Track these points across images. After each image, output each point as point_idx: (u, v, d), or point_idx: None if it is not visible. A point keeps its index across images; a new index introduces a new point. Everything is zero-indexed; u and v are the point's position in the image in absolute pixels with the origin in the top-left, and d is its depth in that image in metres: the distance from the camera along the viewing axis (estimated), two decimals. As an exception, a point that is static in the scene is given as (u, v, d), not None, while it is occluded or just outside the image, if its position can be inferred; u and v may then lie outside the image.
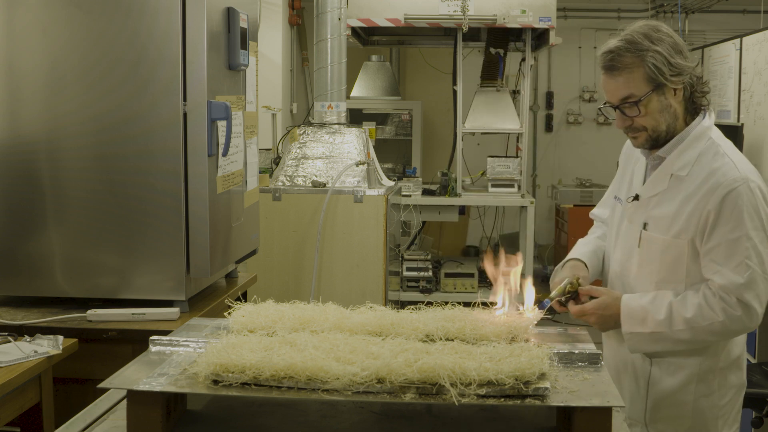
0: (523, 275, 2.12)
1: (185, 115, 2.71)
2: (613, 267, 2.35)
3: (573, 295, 2.22)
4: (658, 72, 2.08)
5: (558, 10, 5.69)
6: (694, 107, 2.19)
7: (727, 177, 2.09)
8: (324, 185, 4.68)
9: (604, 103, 2.21)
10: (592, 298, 2.21)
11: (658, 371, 2.22)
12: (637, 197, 2.25)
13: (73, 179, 2.78)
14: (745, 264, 2.07)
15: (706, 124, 2.19)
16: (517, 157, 5.91)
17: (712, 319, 2.10)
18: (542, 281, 6.81)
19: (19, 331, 2.56)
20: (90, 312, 2.68)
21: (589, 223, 2.61)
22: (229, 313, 1.97)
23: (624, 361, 2.30)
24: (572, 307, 2.22)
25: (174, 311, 2.70)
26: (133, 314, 2.67)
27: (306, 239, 4.64)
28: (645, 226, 2.22)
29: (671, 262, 2.17)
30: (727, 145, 2.19)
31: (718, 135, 2.20)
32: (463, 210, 6.40)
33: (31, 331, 2.55)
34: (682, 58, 2.12)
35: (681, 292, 2.16)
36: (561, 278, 2.26)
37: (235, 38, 2.91)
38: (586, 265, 2.34)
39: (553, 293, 2.21)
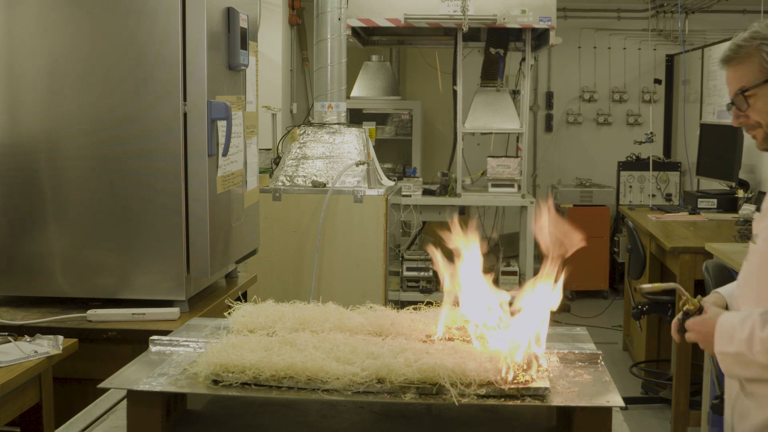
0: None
1: (185, 115, 2.71)
2: (735, 288, 2.12)
3: (692, 314, 2.01)
4: None
5: (558, 10, 5.68)
6: None
7: None
8: (324, 185, 4.68)
9: (727, 104, 2.11)
10: None
11: (746, 402, 1.97)
12: (758, 208, 2.12)
13: (73, 179, 2.78)
14: None
15: None
16: (517, 157, 5.91)
17: None
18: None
19: (19, 331, 2.56)
20: (90, 312, 2.68)
21: (589, 223, 2.56)
22: (229, 313, 1.97)
23: (729, 387, 2.07)
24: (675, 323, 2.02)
25: (174, 311, 2.70)
26: (133, 314, 2.67)
27: (306, 239, 4.64)
28: (755, 238, 2.02)
29: (766, 276, 1.96)
30: None
31: None
32: (463, 210, 6.40)
33: (31, 331, 2.55)
34: None
35: None
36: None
37: (235, 38, 2.91)
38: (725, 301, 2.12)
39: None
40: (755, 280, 1.97)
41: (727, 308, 2.06)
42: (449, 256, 1.95)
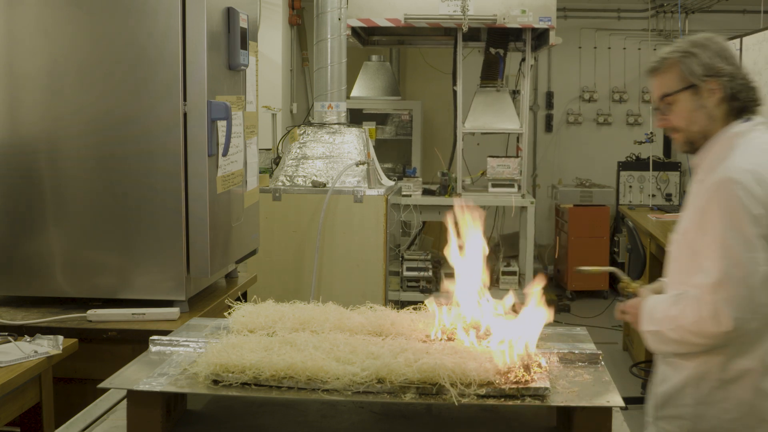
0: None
1: (185, 115, 2.71)
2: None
3: (631, 296, 2.29)
4: (690, 72, 2.16)
5: (558, 10, 5.68)
6: (739, 113, 2.19)
7: (716, 179, 2.10)
8: (324, 185, 4.68)
9: (654, 108, 2.28)
10: None
11: (665, 369, 2.23)
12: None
13: (73, 179, 2.78)
14: (717, 265, 2.04)
15: (737, 129, 2.18)
16: (517, 157, 5.91)
17: (688, 319, 2.07)
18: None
19: (19, 331, 2.56)
20: (90, 312, 2.68)
21: (589, 222, 2.64)
22: (229, 313, 1.97)
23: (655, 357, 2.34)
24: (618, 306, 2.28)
25: (174, 311, 2.70)
26: (133, 314, 2.67)
27: (306, 239, 4.64)
28: (674, 229, 2.28)
29: (680, 262, 2.21)
30: (745, 146, 2.16)
31: (747, 138, 2.17)
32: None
33: (31, 331, 2.55)
34: (725, 63, 2.15)
35: None
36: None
37: (235, 38, 2.91)
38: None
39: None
40: (678, 263, 2.21)
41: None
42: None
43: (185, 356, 1.79)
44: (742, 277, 2.02)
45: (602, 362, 1.79)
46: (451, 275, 1.97)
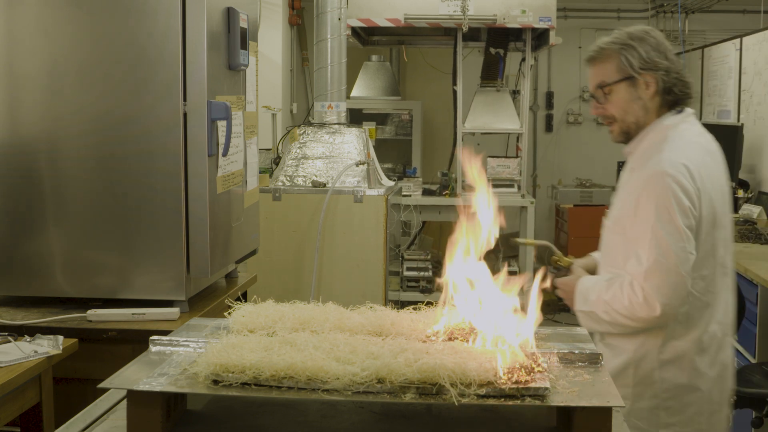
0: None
1: (185, 115, 2.71)
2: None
3: (563, 271, 2.45)
4: (629, 64, 2.26)
5: (558, 10, 5.68)
6: (672, 106, 2.31)
7: (649, 169, 2.21)
8: (324, 185, 4.68)
9: (589, 95, 2.46)
10: None
11: (605, 352, 2.27)
12: (613, 188, 2.50)
13: (73, 179, 2.78)
14: (648, 253, 2.16)
15: (670, 121, 2.30)
16: (517, 157, 5.91)
17: (621, 303, 2.21)
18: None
19: (19, 331, 2.56)
20: (90, 312, 2.68)
21: (589, 222, 2.70)
22: (229, 313, 1.96)
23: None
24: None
25: (174, 311, 2.70)
26: (133, 314, 2.67)
27: (306, 239, 4.64)
28: (606, 215, 2.44)
29: (613, 248, 2.35)
30: (678, 139, 2.26)
31: (679, 130, 2.28)
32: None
33: (31, 331, 2.55)
34: (662, 58, 2.27)
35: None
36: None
37: (235, 38, 2.91)
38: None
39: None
40: (610, 249, 2.35)
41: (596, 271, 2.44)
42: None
43: (185, 356, 1.79)
44: (671, 266, 2.15)
45: (602, 362, 1.79)
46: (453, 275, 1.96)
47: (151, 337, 1.88)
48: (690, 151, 2.25)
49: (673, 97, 2.30)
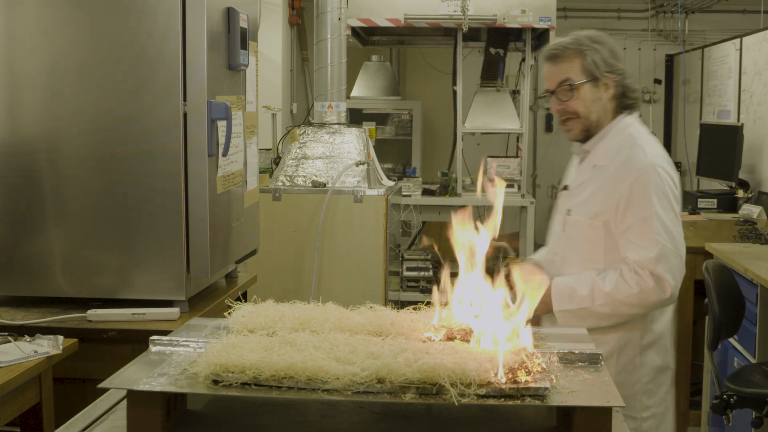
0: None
1: (185, 115, 2.71)
2: (547, 256, 2.62)
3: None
4: (595, 65, 2.40)
5: (558, 10, 5.68)
6: (622, 108, 2.48)
7: (636, 163, 2.35)
8: (324, 185, 4.68)
9: (544, 91, 2.49)
10: None
11: None
12: (566, 188, 2.58)
13: (73, 179, 2.78)
14: (655, 240, 2.29)
15: (627, 121, 2.47)
16: (517, 157, 5.91)
17: (629, 292, 2.31)
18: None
19: (19, 331, 2.56)
20: (90, 312, 2.68)
21: None
22: (229, 313, 1.96)
23: None
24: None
25: (174, 311, 2.70)
26: (133, 314, 2.67)
27: (306, 239, 4.64)
28: (569, 212, 2.50)
29: (591, 243, 2.41)
30: (644, 137, 2.45)
31: (638, 129, 2.47)
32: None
33: (31, 331, 2.55)
34: (618, 63, 2.44)
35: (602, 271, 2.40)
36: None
37: (235, 38, 2.91)
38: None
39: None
40: (586, 244, 2.42)
41: None
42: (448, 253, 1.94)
43: (185, 356, 1.79)
44: (677, 249, 2.32)
45: (602, 362, 1.79)
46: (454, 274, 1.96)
47: (151, 337, 1.88)
48: (659, 147, 2.44)
49: (626, 100, 2.47)
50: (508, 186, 5.75)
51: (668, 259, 2.30)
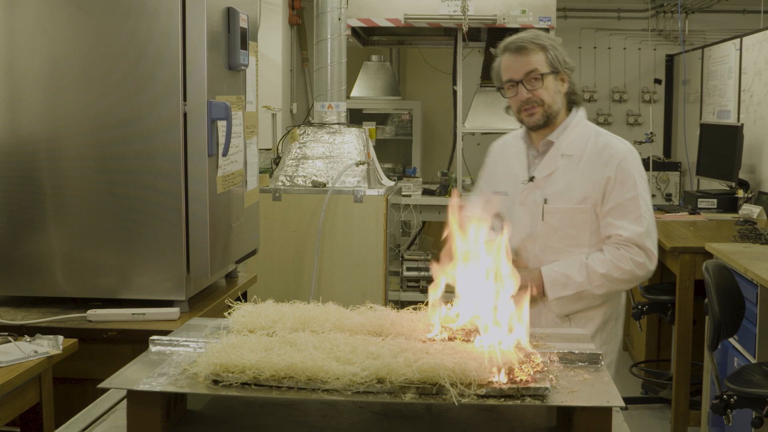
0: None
1: (185, 115, 2.71)
2: (514, 249, 2.64)
3: None
4: (556, 60, 2.61)
5: (558, 10, 5.68)
6: (570, 103, 2.69)
7: (617, 149, 2.58)
8: (324, 185, 4.68)
9: (505, 81, 2.67)
10: None
11: (575, 329, 2.44)
12: (532, 179, 2.63)
13: (73, 179, 2.78)
14: (641, 217, 2.53)
15: (582, 114, 2.69)
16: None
17: (623, 269, 2.51)
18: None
19: (19, 331, 2.56)
20: (90, 312, 2.68)
21: None
22: (229, 313, 1.96)
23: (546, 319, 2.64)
24: None
25: (174, 311, 2.70)
26: (133, 314, 2.67)
27: (306, 239, 4.64)
28: (546, 201, 2.60)
29: (577, 228, 2.57)
30: (600, 128, 2.69)
31: (591, 122, 2.71)
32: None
33: (31, 331, 2.55)
34: (569, 60, 2.68)
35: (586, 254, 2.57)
36: None
37: (235, 38, 2.91)
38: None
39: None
40: (573, 230, 2.56)
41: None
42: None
43: (185, 356, 1.79)
44: (654, 226, 2.59)
45: (602, 362, 1.79)
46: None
47: (151, 337, 1.88)
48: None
49: (574, 97, 2.68)
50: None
51: (652, 233, 2.55)
